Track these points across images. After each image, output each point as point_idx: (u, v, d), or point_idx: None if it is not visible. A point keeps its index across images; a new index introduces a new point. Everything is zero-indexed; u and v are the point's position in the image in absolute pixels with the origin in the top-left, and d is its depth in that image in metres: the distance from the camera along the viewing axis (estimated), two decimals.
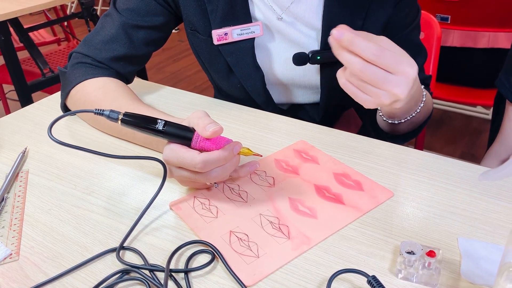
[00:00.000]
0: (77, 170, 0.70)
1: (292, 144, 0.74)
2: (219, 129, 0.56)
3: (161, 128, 0.57)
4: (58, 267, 0.53)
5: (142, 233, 0.58)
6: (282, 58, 0.85)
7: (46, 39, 2.62)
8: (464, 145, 2.23)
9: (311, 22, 0.81)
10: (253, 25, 0.81)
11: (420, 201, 0.61)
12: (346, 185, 0.64)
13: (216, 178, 0.58)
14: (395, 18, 0.81)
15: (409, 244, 0.51)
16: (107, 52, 0.81)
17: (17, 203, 0.64)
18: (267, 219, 0.59)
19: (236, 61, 0.84)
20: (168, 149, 0.58)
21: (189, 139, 0.57)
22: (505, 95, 0.79)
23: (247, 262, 0.52)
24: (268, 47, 0.85)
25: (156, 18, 0.83)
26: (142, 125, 0.57)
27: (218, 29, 0.81)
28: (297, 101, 0.92)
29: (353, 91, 0.57)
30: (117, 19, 0.82)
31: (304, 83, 0.88)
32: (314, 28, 0.82)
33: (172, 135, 0.57)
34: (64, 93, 0.81)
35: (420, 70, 0.89)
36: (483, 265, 0.50)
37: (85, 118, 0.83)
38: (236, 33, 0.81)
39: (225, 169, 0.58)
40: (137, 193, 0.65)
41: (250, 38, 0.82)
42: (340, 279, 0.50)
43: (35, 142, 0.77)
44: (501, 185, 0.63)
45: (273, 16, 0.82)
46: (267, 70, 0.86)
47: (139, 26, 0.82)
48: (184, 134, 0.57)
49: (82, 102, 0.77)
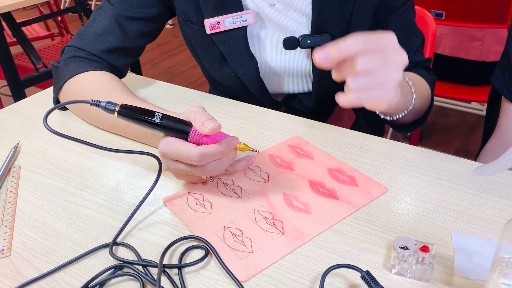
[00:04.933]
0: (70, 165, 0.69)
1: (287, 139, 0.74)
2: (218, 127, 0.56)
3: (158, 121, 0.56)
4: (51, 262, 0.53)
5: (135, 228, 0.57)
6: (274, 45, 0.86)
7: (40, 34, 2.60)
8: (458, 141, 2.24)
9: (302, 8, 0.81)
10: (245, 13, 0.81)
11: (414, 196, 0.61)
12: (340, 181, 0.64)
13: (212, 172, 0.58)
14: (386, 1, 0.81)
15: (403, 239, 0.51)
16: (101, 44, 0.81)
17: (9, 199, 0.63)
18: (261, 215, 0.58)
19: (229, 49, 0.84)
20: (165, 142, 0.57)
21: (186, 133, 0.57)
22: (500, 91, 0.79)
23: (241, 258, 0.52)
24: (260, 35, 0.85)
25: (149, 9, 0.83)
26: (139, 118, 0.57)
27: (210, 18, 0.81)
28: (290, 90, 0.92)
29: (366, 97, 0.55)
30: (110, 11, 0.82)
31: (296, 71, 0.88)
32: (305, 14, 0.82)
33: (169, 129, 0.57)
34: (56, 88, 0.81)
35: (417, 51, 0.86)
36: (476, 260, 0.51)
37: (78, 112, 0.82)
38: (228, 21, 0.81)
39: (221, 163, 0.58)
40: (131, 189, 0.64)
41: (242, 27, 0.82)
42: (334, 274, 0.50)
43: (28, 137, 0.77)
44: (494, 181, 0.63)
45: (264, 4, 0.82)
46: (260, 58, 0.86)
47: (132, 18, 0.82)
48: (182, 128, 0.57)
49: (76, 96, 0.77)
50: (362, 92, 0.54)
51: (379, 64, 0.54)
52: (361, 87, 0.54)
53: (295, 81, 0.91)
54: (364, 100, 0.55)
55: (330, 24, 0.81)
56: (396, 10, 0.83)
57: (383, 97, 0.55)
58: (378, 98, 0.55)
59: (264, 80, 0.89)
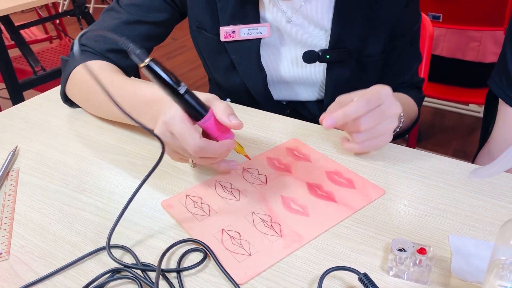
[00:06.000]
0: (68, 168, 0.69)
1: (285, 142, 0.74)
2: (241, 125, 0.56)
3: (182, 92, 0.54)
4: (49, 266, 0.53)
5: (133, 231, 0.57)
6: (289, 57, 0.86)
7: (38, 37, 2.60)
8: (456, 143, 2.24)
9: (322, 22, 0.82)
10: (261, 26, 0.81)
11: (411, 198, 0.61)
12: (338, 183, 0.64)
13: (201, 161, 0.59)
14: (402, 20, 0.83)
15: (400, 242, 0.51)
16: (105, 44, 0.82)
17: (7, 202, 0.63)
18: (259, 217, 0.59)
19: (241, 59, 0.85)
20: (177, 111, 0.55)
21: (201, 116, 0.56)
22: (498, 94, 0.79)
23: (239, 260, 0.52)
24: (275, 47, 0.86)
25: (159, 14, 0.83)
26: (165, 78, 0.53)
27: (226, 26, 0.81)
28: (299, 98, 0.93)
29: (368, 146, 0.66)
30: (119, 14, 0.82)
31: (309, 81, 0.89)
32: (324, 29, 0.83)
33: (186, 104, 0.55)
34: (63, 79, 0.81)
35: (414, 73, 0.94)
36: (473, 262, 0.51)
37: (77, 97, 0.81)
38: (244, 32, 0.81)
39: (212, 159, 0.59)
40: (129, 192, 0.64)
41: (256, 38, 0.82)
42: (331, 277, 0.50)
43: (26, 141, 0.77)
44: (491, 183, 0.63)
45: (282, 18, 0.82)
46: (271, 69, 0.87)
47: (141, 22, 0.82)
48: (199, 109, 0.56)
49: (80, 80, 0.78)
50: (365, 143, 0.66)
51: (379, 120, 0.64)
52: (364, 140, 0.65)
53: (305, 90, 0.91)
54: (366, 148, 0.67)
55: (347, 39, 0.82)
56: (408, 31, 0.86)
57: (382, 143, 0.67)
58: (378, 145, 0.67)
59: (273, 89, 0.89)
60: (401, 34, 0.85)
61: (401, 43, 0.86)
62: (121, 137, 0.77)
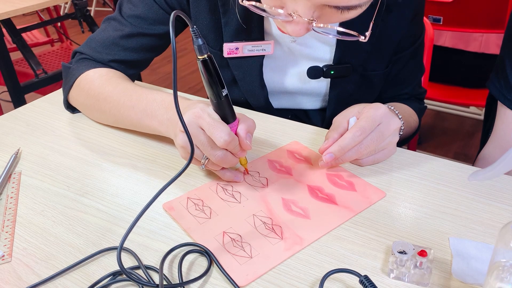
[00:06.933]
0: (70, 171, 0.70)
1: (286, 145, 0.74)
2: (249, 147, 0.61)
3: (224, 94, 0.58)
4: (51, 268, 0.53)
5: (134, 233, 0.58)
6: (293, 72, 0.86)
7: (39, 40, 2.60)
8: (457, 145, 2.24)
9: (326, 37, 0.81)
10: (265, 44, 0.81)
11: (412, 201, 0.61)
12: (339, 186, 0.64)
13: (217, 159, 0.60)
14: (407, 34, 0.83)
15: (401, 244, 0.51)
16: (107, 55, 0.82)
17: (9, 205, 0.63)
18: (260, 220, 0.59)
19: (243, 75, 0.84)
20: (207, 106, 0.60)
21: (228, 121, 0.60)
22: (497, 96, 0.80)
23: (240, 263, 0.53)
24: (279, 61, 0.85)
25: (162, 26, 0.82)
26: (215, 77, 0.57)
27: (230, 43, 0.81)
28: (300, 107, 0.93)
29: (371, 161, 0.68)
30: (122, 26, 0.81)
31: (312, 94, 0.89)
32: (329, 44, 0.82)
33: (223, 106, 0.59)
34: (67, 86, 0.82)
35: (417, 84, 0.94)
36: (473, 265, 0.51)
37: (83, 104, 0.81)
38: (247, 49, 0.81)
39: (226, 160, 0.60)
40: (130, 195, 0.65)
41: (259, 56, 0.82)
42: (332, 279, 0.50)
43: (28, 143, 0.77)
44: (492, 185, 0.63)
45: (287, 36, 0.81)
46: (274, 83, 0.87)
47: (144, 34, 0.81)
48: (230, 114, 0.60)
49: (88, 87, 0.78)
50: (368, 159, 0.67)
51: (378, 141, 0.65)
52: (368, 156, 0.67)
53: (307, 100, 0.91)
54: (370, 163, 0.68)
55: (352, 54, 0.82)
56: (412, 45, 0.86)
57: (386, 157, 0.69)
58: (381, 159, 0.69)
59: (276, 99, 0.89)
60: (405, 47, 0.85)
61: (405, 55, 0.86)
62: (123, 140, 0.77)
